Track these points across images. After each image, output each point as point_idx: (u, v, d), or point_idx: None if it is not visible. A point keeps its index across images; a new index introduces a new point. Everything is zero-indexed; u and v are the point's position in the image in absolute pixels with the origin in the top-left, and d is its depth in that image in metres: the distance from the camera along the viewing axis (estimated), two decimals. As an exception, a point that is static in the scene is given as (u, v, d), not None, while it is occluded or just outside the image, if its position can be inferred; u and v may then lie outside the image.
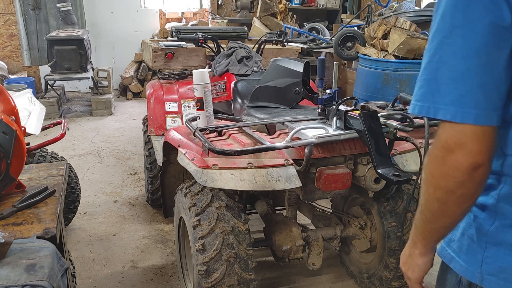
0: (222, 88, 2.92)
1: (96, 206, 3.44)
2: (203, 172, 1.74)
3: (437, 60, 0.85)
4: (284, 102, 2.47)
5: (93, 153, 4.65)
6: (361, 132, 1.80)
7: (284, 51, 3.56)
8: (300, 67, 2.44)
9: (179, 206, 2.08)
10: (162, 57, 3.25)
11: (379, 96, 3.68)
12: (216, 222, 1.81)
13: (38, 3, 6.59)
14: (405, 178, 1.71)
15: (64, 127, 2.66)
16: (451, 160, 0.82)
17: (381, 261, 2.21)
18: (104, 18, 7.34)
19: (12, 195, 1.55)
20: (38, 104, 2.59)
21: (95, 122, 5.78)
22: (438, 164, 0.85)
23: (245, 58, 2.94)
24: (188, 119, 2.13)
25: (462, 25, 0.81)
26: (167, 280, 2.54)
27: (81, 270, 2.62)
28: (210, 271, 1.80)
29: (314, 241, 2.17)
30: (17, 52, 6.84)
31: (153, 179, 3.16)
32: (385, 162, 1.76)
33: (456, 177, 0.83)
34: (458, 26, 0.82)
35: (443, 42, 0.84)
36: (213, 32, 3.34)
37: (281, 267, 2.62)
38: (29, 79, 6.34)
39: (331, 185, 1.85)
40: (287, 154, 1.83)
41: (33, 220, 1.40)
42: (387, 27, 3.95)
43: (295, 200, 2.28)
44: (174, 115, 3.13)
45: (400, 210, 2.10)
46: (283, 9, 6.72)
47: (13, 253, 1.20)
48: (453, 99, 0.82)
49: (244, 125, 2.05)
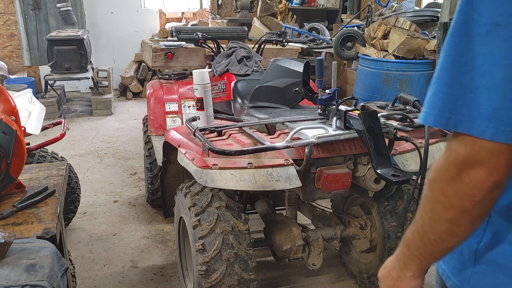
0: (222, 88, 2.92)
1: (96, 206, 3.44)
2: (203, 172, 1.74)
3: (465, 62, 0.70)
4: (284, 102, 2.47)
5: (93, 153, 4.65)
6: (361, 132, 1.80)
7: (284, 51, 3.56)
8: (300, 67, 2.44)
9: (179, 206, 2.08)
10: (162, 57, 3.25)
11: (379, 96, 3.68)
12: (216, 222, 1.81)
13: (38, 3, 6.59)
14: (404, 179, 1.71)
15: (64, 127, 2.66)
16: (470, 178, 0.72)
17: (381, 261, 2.20)
18: (104, 18, 7.34)
19: (12, 195, 1.55)
20: (38, 104, 2.59)
21: (95, 122, 5.78)
22: (453, 182, 0.74)
23: (245, 58, 2.94)
24: (188, 119, 2.13)
25: (509, 25, 0.66)
26: (167, 280, 2.54)
27: (81, 270, 2.62)
28: (210, 271, 1.80)
29: (314, 241, 2.17)
30: (17, 52, 6.84)
31: (153, 179, 3.16)
32: (385, 162, 1.76)
33: (475, 196, 0.72)
34: (502, 25, 0.66)
35: (477, 41, 0.69)
36: (213, 32, 3.34)
37: (281, 267, 2.62)
38: (29, 79, 6.33)
39: (331, 185, 1.85)
40: (287, 154, 1.83)
41: (33, 220, 1.40)
42: (387, 27, 3.95)
43: (295, 200, 2.28)
44: (174, 115, 3.13)
45: (400, 210, 2.10)
46: (283, 9, 6.72)
47: (13, 253, 1.20)
48: (485, 113, 0.69)
49: (244, 125, 2.05)
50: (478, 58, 0.69)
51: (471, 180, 0.72)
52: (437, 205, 0.77)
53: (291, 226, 2.15)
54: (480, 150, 0.70)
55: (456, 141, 0.73)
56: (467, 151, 0.71)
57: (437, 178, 0.76)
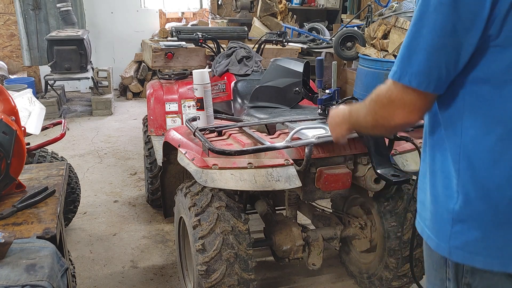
0: (222, 88, 2.92)
1: (96, 206, 3.44)
2: (203, 172, 1.74)
3: (416, 30, 0.94)
4: (284, 102, 2.47)
5: (93, 153, 4.65)
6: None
7: (284, 51, 3.56)
8: (300, 67, 2.44)
9: (179, 206, 2.08)
10: (162, 57, 3.25)
11: (379, 96, 3.68)
12: (216, 222, 1.81)
13: (38, 3, 6.59)
14: (404, 178, 1.71)
15: (64, 127, 2.66)
16: (394, 111, 1.01)
17: (381, 261, 2.21)
18: (104, 18, 7.34)
19: (12, 195, 1.55)
20: (38, 104, 2.59)
21: (95, 122, 5.78)
22: (383, 108, 1.04)
23: (245, 58, 2.94)
24: (188, 119, 2.13)
25: (448, 3, 0.88)
26: (167, 280, 2.54)
27: (81, 270, 2.62)
28: (210, 271, 1.80)
29: (314, 241, 2.17)
30: (17, 52, 6.84)
31: (153, 179, 3.16)
32: (385, 162, 1.76)
33: (391, 122, 1.03)
34: (444, 3, 0.89)
35: (427, 15, 0.92)
36: (213, 32, 3.34)
37: (281, 267, 2.62)
38: (29, 79, 6.33)
39: (331, 185, 1.85)
40: (287, 154, 1.83)
41: (33, 220, 1.40)
42: (387, 27, 3.95)
43: (295, 200, 2.28)
44: (174, 115, 3.14)
45: (400, 210, 2.10)
46: (283, 9, 6.72)
47: (13, 253, 1.20)
48: (421, 70, 0.94)
49: (244, 125, 2.05)
50: (425, 28, 0.92)
51: (394, 113, 1.01)
52: (370, 112, 1.10)
53: (291, 226, 2.15)
54: (412, 98, 0.97)
55: (395, 84, 0.99)
56: (402, 95, 0.98)
57: (375, 100, 1.07)
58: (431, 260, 1.11)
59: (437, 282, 1.10)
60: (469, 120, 0.97)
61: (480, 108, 0.95)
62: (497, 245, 0.97)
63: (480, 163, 0.96)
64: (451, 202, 1.01)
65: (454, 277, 1.04)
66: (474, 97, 0.95)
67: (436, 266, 1.09)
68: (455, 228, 1.00)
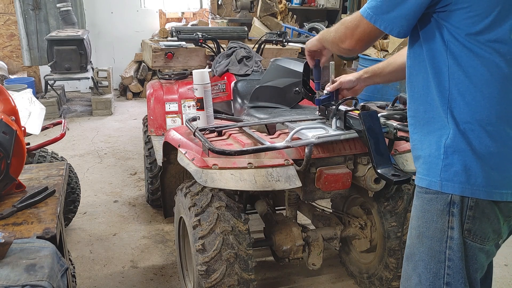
0: (222, 88, 2.92)
1: (96, 206, 3.44)
2: (203, 172, 1.74)
3: None
4: (284, 102, 2.47)
5: (93, 153, 4.65)
6: (361, 132, 1.80)
7: (284, 51, 3.56)
8: (300, 67, 2.44)
9: (179, 206, 2.08)
10: (162, 57, 3.25)
11: (379, 96, 3.68)
12: (216, 222, 1.81)
13: (38, 3, 6.59)
14: (404, 178, 1.70)
15: (64, 127, 2.66)
16: (350, 38, 1.28)
17: (381, 261, 2.21)
18: (104, 18, 7.34)
19: (12, 195, 1.55)
20: (38, 104, 2.59)
21: (95, 122, 5.78)
22: (344, 31, 1.30)
23: (245, 58, 2.94)
24: (188, 119, 2.13)
25: None
26: (167, 280, 2.54)
27: (81, 270, 2.62)
28: (210, 271, 1.80)
29: (314, 241, 2.17)
30: (17, 52, 6.84)
31: (153, 179, 3.16)
32: (385, 162, 1.76)
33: (344, 43, 1.31)
34: None
35: None
36: (213, 32, 3.34)
37: (281, 267, 2.62)
38: (29, 79, 6.33)
39: (331, 185, 1.85)
40: (287, 154, 1.83)
41: (33, 220, 1.40)
42: (387, 27, 3.95)
43: (295, 200, 2.28)
44: (174, 115, 3.14)
45: (400, 210, 2.10)
46: (283, 9, 6.72)
47: (13, 253, 1.20)
48: (395, 17, 1.14)
49: (244, 125, 2.05)
50: None
51: (348, 40, 1.29)
52: (335, 32, 1.38)
53: (291, 226, 2.15)
54: (372, 33, 1.22)
55: (361, 19, 1.22)
56: (364, 30, 1.22)
57: (342, 25, 1.32)
58: (429, 214, 1.19)
59: (437, 233, 1.17)
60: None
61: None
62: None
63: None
64: (443, 138, 1.14)
65: (458, 222, 1.13)
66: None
67: (437, 218, 1.17)
68: (446, 161, 1.13)
